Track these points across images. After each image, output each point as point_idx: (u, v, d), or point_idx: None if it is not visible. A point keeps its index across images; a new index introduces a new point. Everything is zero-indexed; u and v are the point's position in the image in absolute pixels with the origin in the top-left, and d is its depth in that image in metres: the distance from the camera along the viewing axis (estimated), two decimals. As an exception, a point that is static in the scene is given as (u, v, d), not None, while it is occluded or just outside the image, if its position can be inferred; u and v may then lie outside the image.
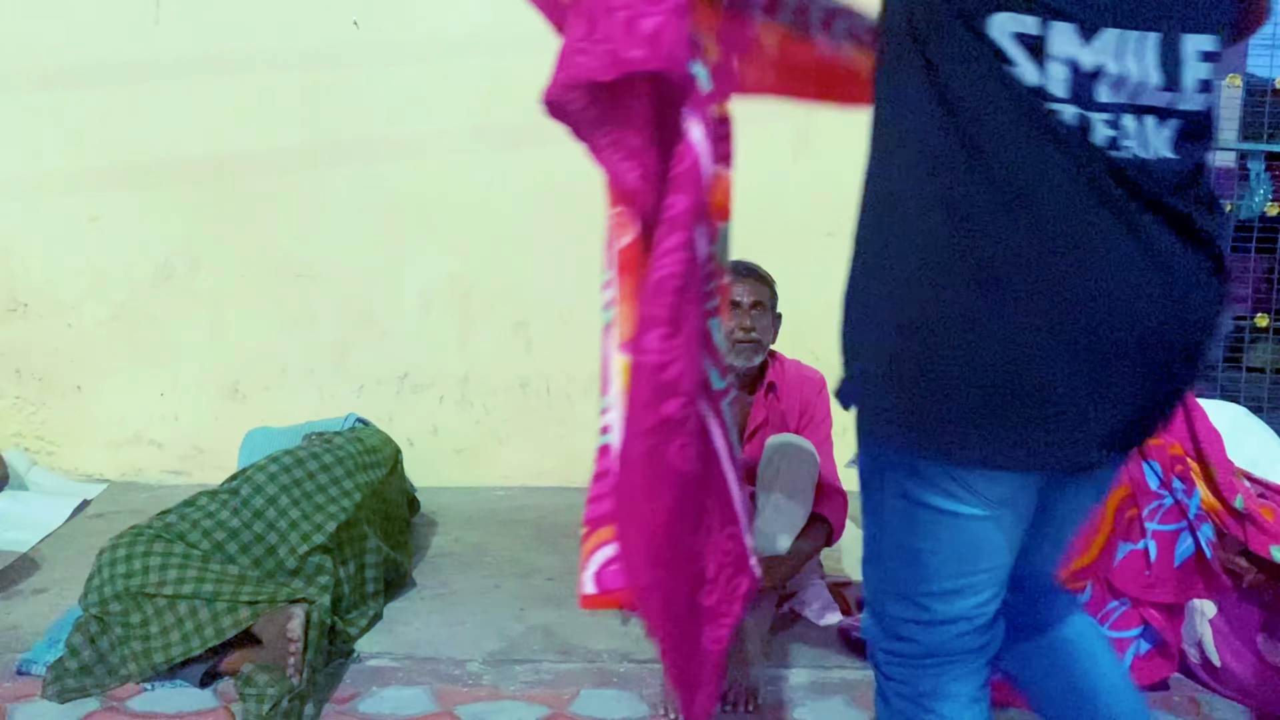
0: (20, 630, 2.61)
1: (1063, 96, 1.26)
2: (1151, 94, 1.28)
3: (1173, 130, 1.30)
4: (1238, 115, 4.31)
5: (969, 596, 1.44)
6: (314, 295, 3.87)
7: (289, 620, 2.27)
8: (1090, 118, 1.26)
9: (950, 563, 1.42)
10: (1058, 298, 1.28)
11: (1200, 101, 1.32)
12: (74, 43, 3.71)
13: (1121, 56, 1.26)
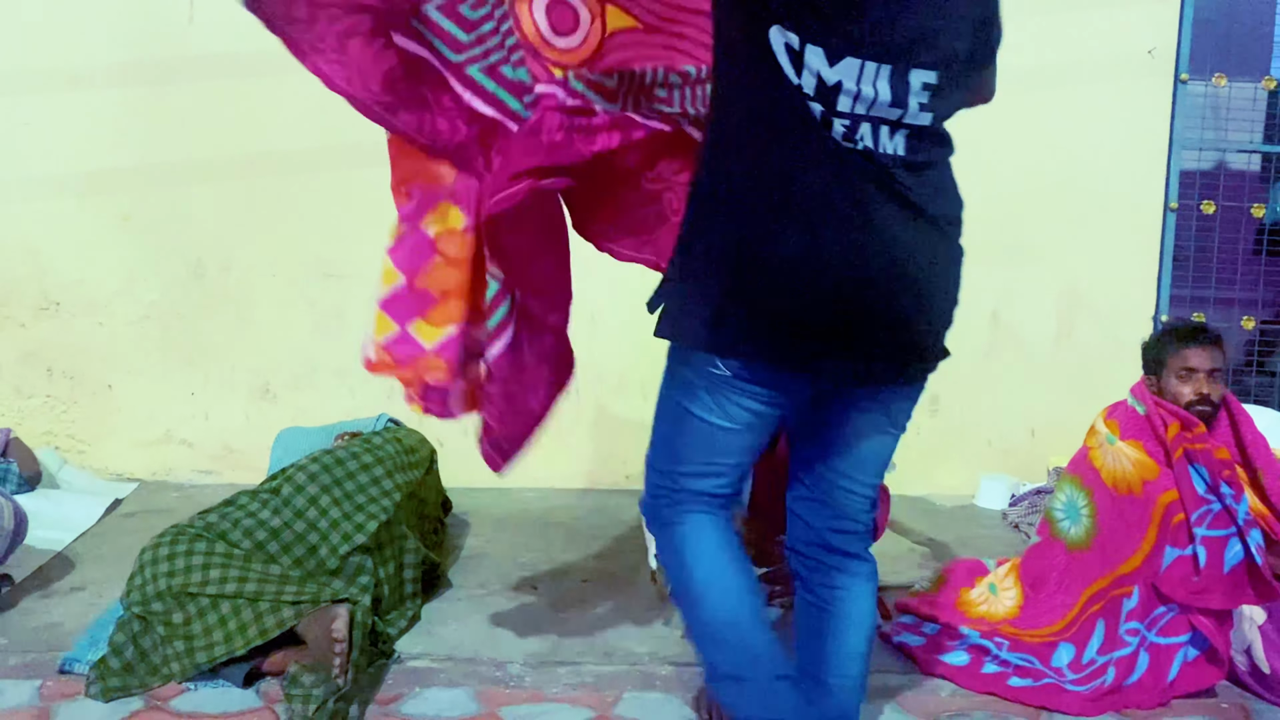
0: (61, 628, 2.61)
1: (812, 97, 1.66)
2: (883, 109, 1.67)
3: (903, 138, 1.70)
4: (1263, 118, 4.29)
5: (709, 480, 1.87)
6: (345, 295, 3.86)
7: (334, 620, 2.26)
8: (831, 120, 1.66)
9: (697, 454, 1.86)
10: (800, 247, 1.68)
11: (925, 118, 1.70)
12: (107, 42, 3.71)
13: (859, 79, 1.64)
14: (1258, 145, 4.20)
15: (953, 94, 1.73)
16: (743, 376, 1.77)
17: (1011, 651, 2.50)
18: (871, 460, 1.93)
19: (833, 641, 1.92)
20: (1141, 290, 4.01)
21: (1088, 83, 3.90)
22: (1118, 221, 3.97)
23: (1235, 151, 4.25)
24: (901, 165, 1.69)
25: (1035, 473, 3.99)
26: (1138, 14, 3.88)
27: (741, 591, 1.86)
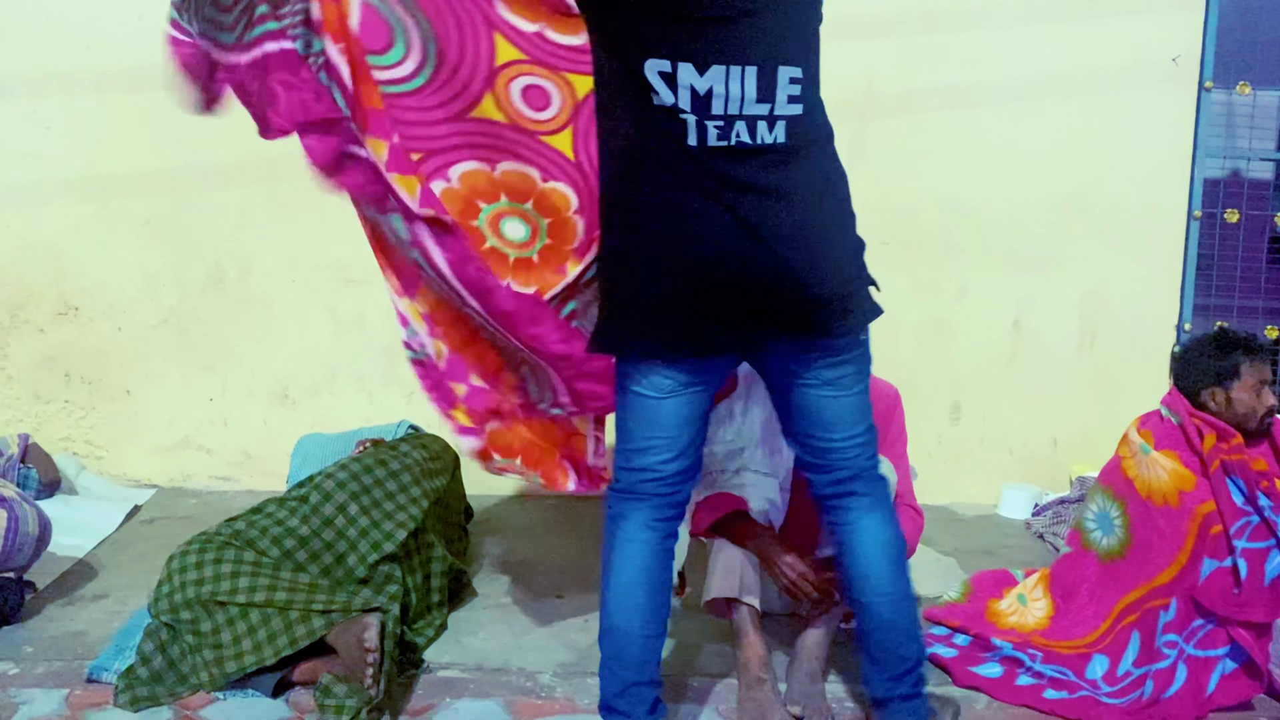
0: (86, 636, 2.59)
1: (686, 109, 1.87)
2: (752, 106, 1.87)
3: (782, 128, 1.90)
4: (1274, 126, 4.28)
5: (651, 455, 2.08)
6: (365, 300, 3.84)
7: (365, 630, 2.24)
8: (706, 124, 1.88)
9: (638, 428, 2.08)
10: (665, 242, 1.93)
11: (795, 109, 1.90)
12: (129, 46, 3.69)
13: (727, 82, 1.86)
14: (1263, 153, 4.18)
15: (812, 81, 1.94)
16: (647, 358, 2.03)
17: (1045, 663, 2.48)
18: (828, 419, 2.11)
19: (855, 567, 2.16)
20: (1165, 299, 3.99)
21: (1112, 90, 3.88)
22: (1141, 229, 3.95)
23: (1259, 160, 4.24)
24: (774, 151, 1.90)
25: (1058, 482, 3.96)
26: (1162, 22, 3.86)
27: (640, 608, 2.11)
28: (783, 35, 1.89)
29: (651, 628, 2.11)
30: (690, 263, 1.93)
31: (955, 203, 3.89)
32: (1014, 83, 3.85)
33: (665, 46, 1.85)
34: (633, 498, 2.12)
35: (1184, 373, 2.57)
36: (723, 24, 1.85)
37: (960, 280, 3.92)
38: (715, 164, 1.89)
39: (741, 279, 1.93)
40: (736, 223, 1.91)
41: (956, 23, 3.82)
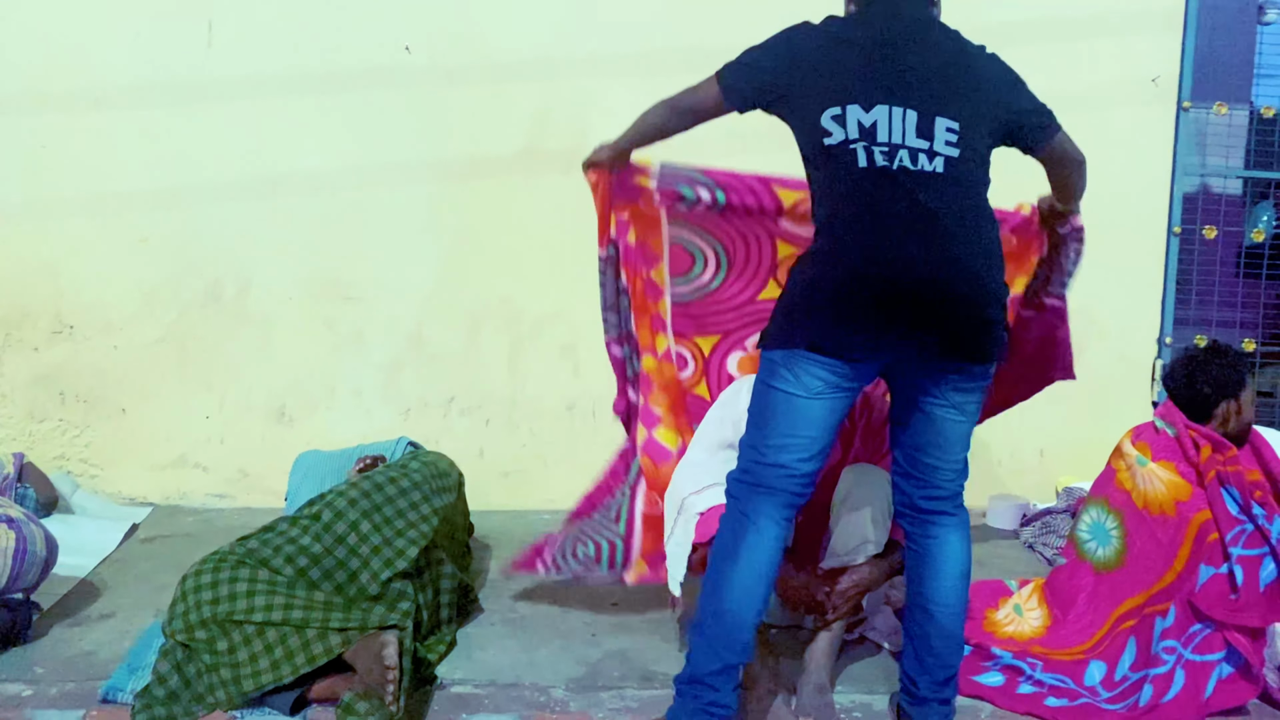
0: (96, 656, 2.59)
1: (855, 138, 2.16)
2: (913, 139, 2.15)
3: (941, 163, 2.16)
4: (1244, 144, 4.39)
5: (788, 453, 2.21)
6: (363, 318, 3.87)
7: (384, 647, 2.26)
8: (873, 149, 2.16)
9: (781, 425, 2.20)
10: (855, 255, 2.15)
11: (952, 151, 2.17)
12: (126, 64, 3.72)
13: (889, 120, 2.15)
14: (1238, 171, 4.30)
15: (978, 139, 2.21)
16: (813, 349, 2.17)
17: (1045, 672, 2.54)
18: (941, 440, 2.28)
19: (930, 580, 2.32)
20: (1147, 312, 4.09)
21: (1094, 110, 3.96)
22: (1123, 245, 4.03)
23: (1233, 178, 4.36)
24: (940, 178, 2.15)
25: (1045, 493, 4.04)
26: (1142, 44, 3.96)
27: (759, 599, 2.22)
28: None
29: (760, 616, 2.24)
30: (858, 277, 2.14)
31: None
32: (1000, 102, 3.94)
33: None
34: (764, 491, 2.23)
35: (1195, 387, 2.63)
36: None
37: (949, 295, 3.99)
38: (904, 183, 2.13)
39: (894, 295, 2.12)
40: (901, 241, 2.12)
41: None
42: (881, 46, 2.22)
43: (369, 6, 3.76)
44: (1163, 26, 3.98)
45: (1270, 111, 4.14)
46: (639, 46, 3.83)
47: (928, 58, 2.21)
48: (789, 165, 2.41)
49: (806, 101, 2.21)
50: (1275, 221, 4.61)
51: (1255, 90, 4.71)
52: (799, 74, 2.23)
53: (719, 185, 2.73)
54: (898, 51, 2.21)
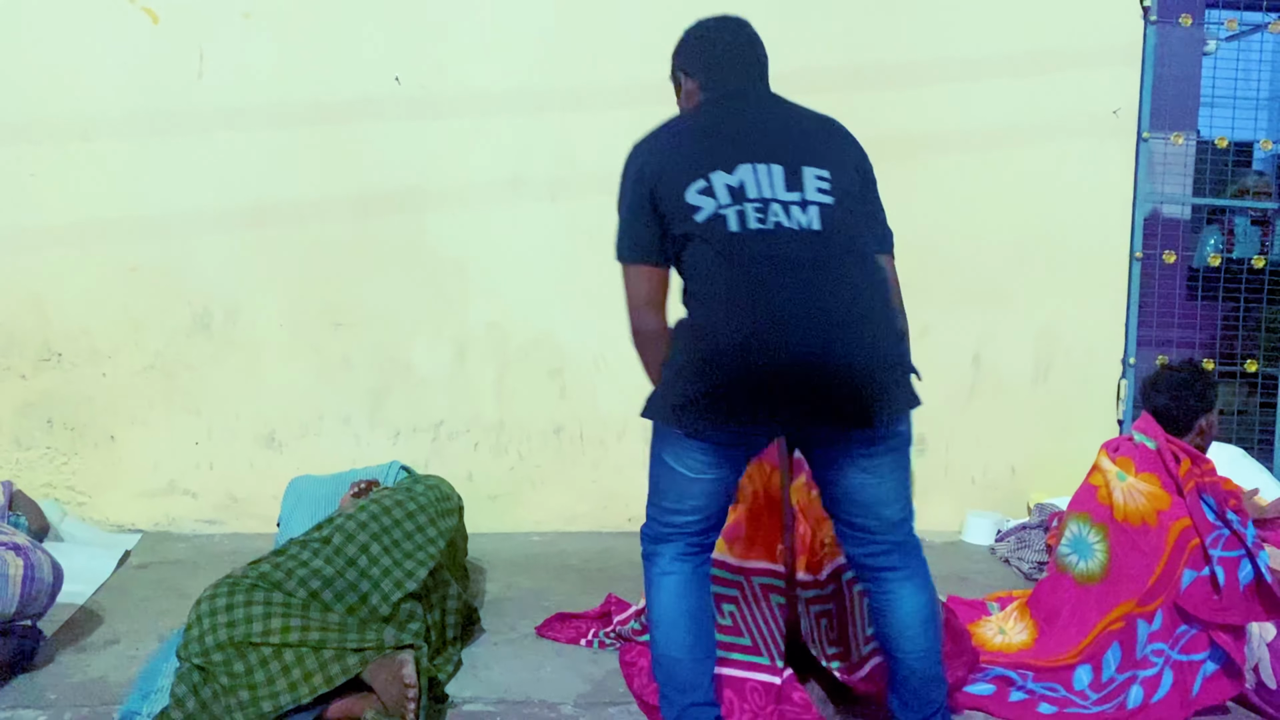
0: (107, 681, 2.61)
1: (726, 203, 2.08)
2: (784, 194, 2.09)
3: (816, 212, 2.09)
4: (1190, 171, 4.59)
5: (680, 516, 2.23)
6: (351, 344, 3.92)
7: (402, 667, 2.31)
8: (745, 209, 2.07)
9: (670, 493, 2.23)
10: (724, 331, 2.06)
11: (826, 199, 2.10)
12: (117, 94, 3.75)
13: (755, 176, 2.10)
14: (1193, 198, 4.49)
15: (850, 184, 2.15)
16: (691, 436, 2.15)
17: (1036, 681, 2.65)
18: (864, 501, 2.21)
19: (895, 633, 2.27)
20: (1111, 334, 4.25)
21: (1059, 140, 4.15)
22: (1088, 270, 4.21)
23: (1188, 204, 4.55)
24: (810, 235, 2.07)
25: (1017, 508, 4.18)
26: (1103, 77, 4.14)
27: (683, 632, 2.23)
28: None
29: (698, 651, 2.22)
30: (728, 349, 2.05)
31: (917, 245, 4.05)
32: (970, 133, 4.10)
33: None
34: (663, 541, 2.26)
35: (1178, 402, 2.77)
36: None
37: (923, 318, 4.08)
38: (777, 245, 2.06)
39: (799, 364, 2.02)
40: (773, 306, 2.03)
41: (916, 78, 4.05)
42: (733, 118, 2.18)
43: (358, 38, 3.83)
44: (1122, 60, 4.16)
45: (1224, 142, 4.34)
46: (621, 78, 3.93)
47: (784, 119, 2.19)
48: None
49: (672, 195, 2.10)
50: (1221, 245, 4.83)
51: (1200, 119, 4.94)
52: (661, 188, 2.12)
53: None
54: (750, 119, 2.17)
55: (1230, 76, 4.42)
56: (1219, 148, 4.38)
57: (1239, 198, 4.82)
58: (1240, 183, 4.94)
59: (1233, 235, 4.83)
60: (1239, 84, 4.41)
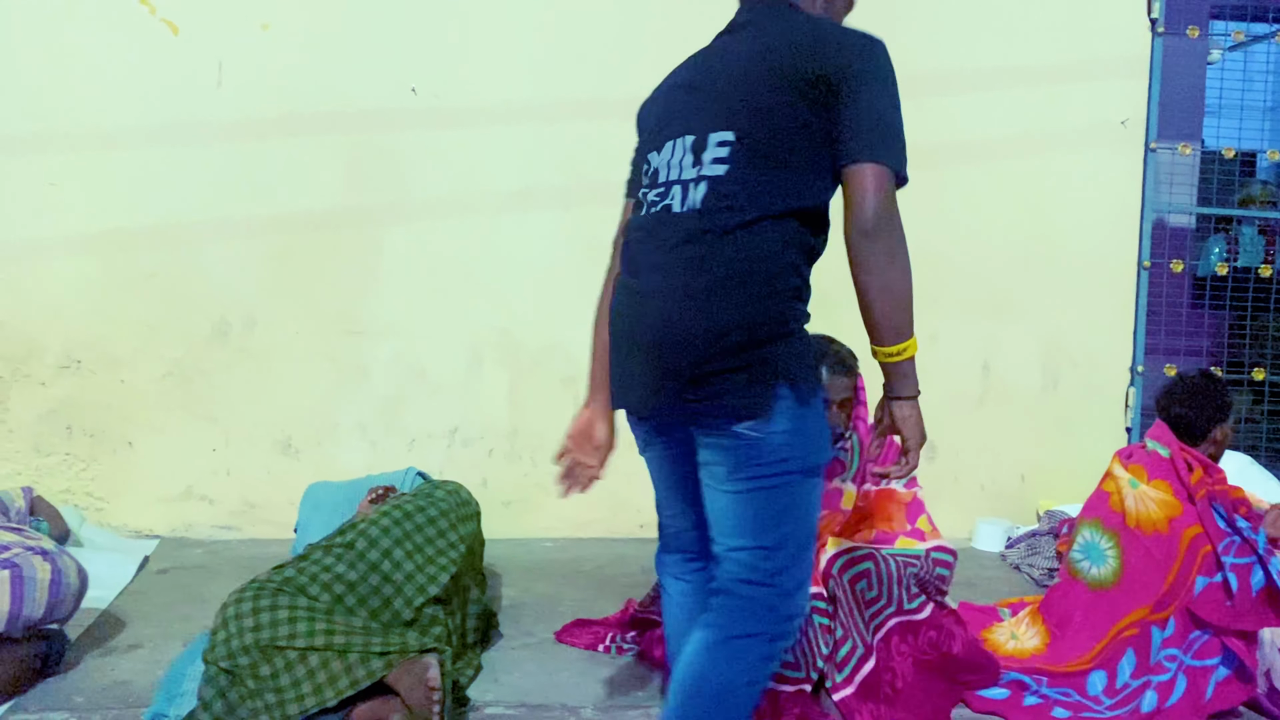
0: (132, 685, 2.64)
1: (646, 188, 2.00)
2: (687, 172, 1.91)
3: (702, 190, 1.88)
4: (1194, 181, 4.64)
5: (663, 511, 2.16)
6: (367, 351, 3.96)
7: (427, 670, 2.34)
8: (648, 194, 1.98)
9: (657, 498, 2.16)
10: (615, 310, 2.00)
11: (719, 170, 1.89)
12: (137, 103, 3.79)
13: (670, 155, 1.95)
14: (1198, 207, 4.53)
15: (767, 141, 1.85)
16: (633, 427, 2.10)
17: (1050, 686, 2.68)
18: (717, 518, 1.93)
19: (672, 679, 1.96)
20: (1119, 342, 4.29)
21: (1067, 151, 4.20)
22: (1096, 279, 4.25)
23: (1194, 214, 4.59)
24: (697, 215, 1.87)
25: (1026, 515, 4.22)
26: (1111, 89, 4.19)
27: (678, 651, 2.01)
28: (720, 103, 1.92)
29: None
30: (616, 327, 2.00)
31: (926, 254, 4.08)
32: (978, 143, 4.15)
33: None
34: (663, 550, 2.19)
35: (1196, 411, 2.81)
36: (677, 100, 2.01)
37: (932, 327, 4.17)
38: (666, 226, 1.91)
39: (633, 344, 1.92)
40: (638, 289, 1.93)
41: (924, 88, 4.09)
42: (694, 70, 2.01)
43: (375, 49, 3.88)
44: (1130, 73, 4.20)
45: (1231, 152, 4.39)
46: (631, 90, 3.96)
47: (732, 62, 1.94)
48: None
49: (636, 172, 2.11)
50: (1225, 254, 4.87)
51: (1205, 129, 4.99)
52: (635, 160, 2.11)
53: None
54: (705, 69, 1.98)
55: (1236, 87, 4.47)
56: (1226, 158, 4.42)
57: (1244, 207, 4.87)
58: (1245, 192, 4.98)
59: (1237, 244, 4.88)
60: (1244, 94, 4.46)
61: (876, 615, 2.66)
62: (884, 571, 2.67)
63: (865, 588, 2.66)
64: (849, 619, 2.61)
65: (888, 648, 2.63)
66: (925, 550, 2.79)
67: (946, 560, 2.80)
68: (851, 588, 2.65)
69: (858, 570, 2.66)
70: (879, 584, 2.67)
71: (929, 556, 2.77)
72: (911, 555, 2.75)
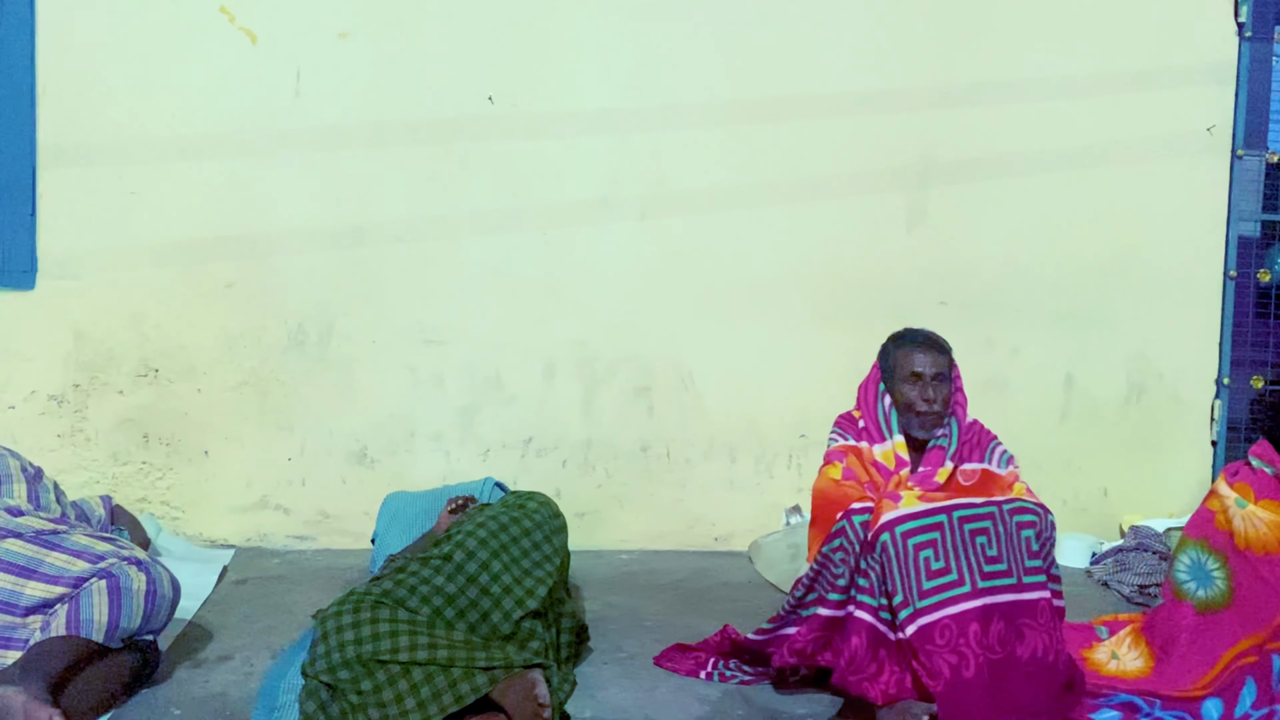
0: (228, 697, 2.62)
1: None
2: None
3: None
4: (1260, 187, 4.53)
5: None
6: (444, 361, 3.93)
7: (535, 686, 2.30)
8: None
9: None
10: None
11: None
12: (215, 112, 3.79)
13: None
14: (1255, 214, 4.40)
15: None
16: None
17: (1164, 709, 2.60)
18: None
19: None
20: (1204, 355, 4.19)
21: (1151, 158, 4.12)
22: (1180, 289, 4.16)
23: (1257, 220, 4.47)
24: None
25: (1109, 530, 4.13)
26: (1197, 95, 4.11)
27: None
28: None
29: None
30: None
31: (1008, 265, 4.08)
32: (1060, 152, 4.07)
33: None
34: None
35: None
36: None
37: (1014, 339, 4.10)
38: None
39: None
40: None
41: (1006, 97, 4.03)
42: None
43: (452, 58, 3.86)
44: (1216, 79, 4.12)
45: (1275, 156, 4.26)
46: (708, 98, 3.95)
47: None
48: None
49: None
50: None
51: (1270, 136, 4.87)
52: None
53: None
54: None
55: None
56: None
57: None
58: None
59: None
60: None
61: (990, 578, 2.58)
62: (1000, 531, 2.62)
63: (985, 543, 2.61)
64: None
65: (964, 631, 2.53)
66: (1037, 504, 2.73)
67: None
68: (972, 540, 2.60)
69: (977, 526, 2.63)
70: (998, 543, 2.61)
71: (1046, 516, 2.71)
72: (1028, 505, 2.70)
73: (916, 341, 2.90)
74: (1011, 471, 2.94)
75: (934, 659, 2.48)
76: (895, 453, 2.88)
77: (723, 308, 4.01)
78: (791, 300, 4.03)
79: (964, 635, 2.50)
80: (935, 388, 2.85)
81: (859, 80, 3.95)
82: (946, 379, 2.87)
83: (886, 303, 3.97)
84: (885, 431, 2.91)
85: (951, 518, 2.61)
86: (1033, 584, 2.61)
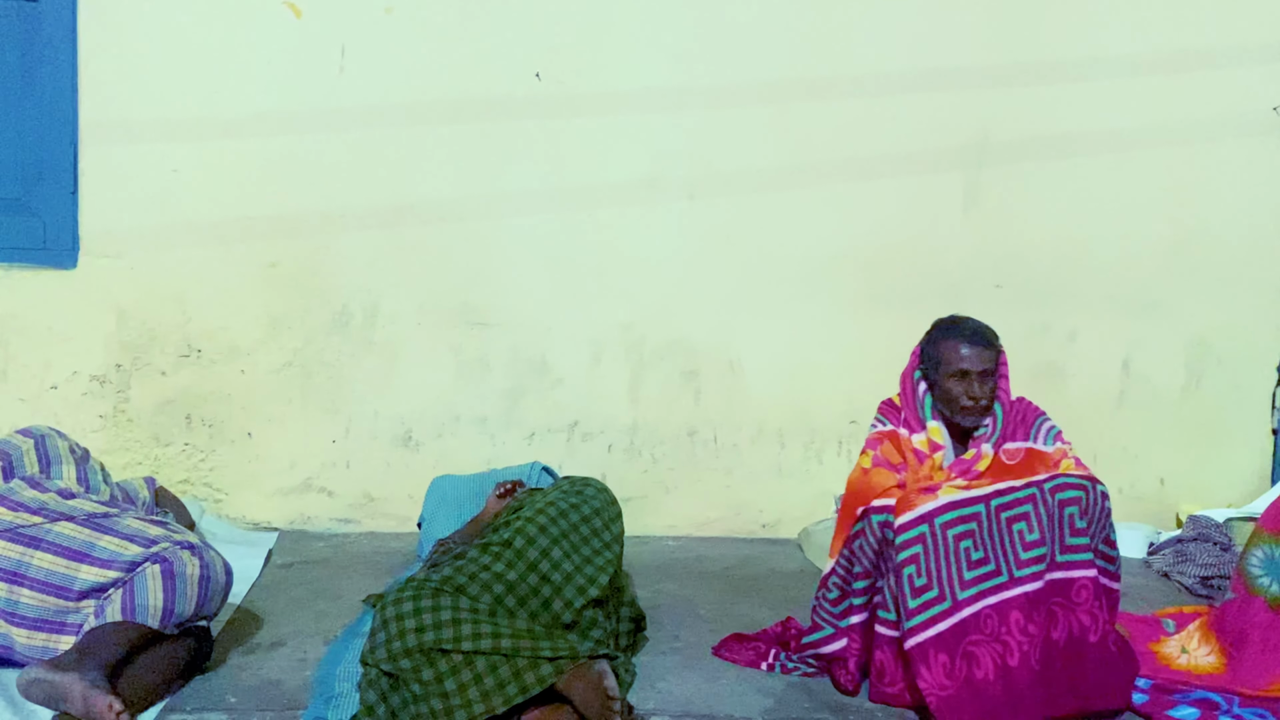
0: (284, 685, 2.57)
1: None
2: None
3: None
4: None
5: None
6: (488, 344, 3.87)
7: (603, 678, 2.25)
8: None
9: None
10: None
11: None
12: (258, 91, 3.73)
13: None
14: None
15: None
16: None
17: (1243, 707, 2.53)
18: None
19: None
20: (1267, 341, 4.09)
21: (1214, 139, 4.00)
22: (1242, 274, 4.05)
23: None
24: None
25: (1165, 520, 4.04)
26: (1262, 74, 3.99)
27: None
28: None
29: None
30: None
31: (1066, 248, 3.98)
32: (1121, 132, 3.96)
33: None
34: None
35: None
36: None
37: (1071, 324, 4.01)
38: None
39: None
40: None
41: (1066, 75, 3.92)
42: None
43: (499, 34, 3.78)
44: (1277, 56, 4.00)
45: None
46: (758, 77, 3.85)
47: None
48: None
49: None
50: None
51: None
52: None
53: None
54: None
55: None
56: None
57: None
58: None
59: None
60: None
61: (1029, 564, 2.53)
62: (1042, 512, 2.56)
63: (1025, 529, 2.56)
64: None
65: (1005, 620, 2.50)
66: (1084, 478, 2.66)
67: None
68: (1009, 527, 2.55)
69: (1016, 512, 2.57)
70: (1039, 524, 2.56)
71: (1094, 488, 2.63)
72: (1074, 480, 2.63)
73: (964, 334, 2.78)
74: (1059, 448, 2.86)
75: (978, 649, 2.46)
76: (930, 439, 2.83)
77: (772, 290, 3.93)
78: (843, 283, 3.94)
79: (1005, 624, 2.49)
80: (981, 384, 2.76)
81: (915, 58, 3.85)
82: (993, 374, 2.78)
83: (940, 286, 3.88)
84: (921, 420, 2.84)
85: (989, 506, 2.57)
86: (1069, 562, 2.57)
